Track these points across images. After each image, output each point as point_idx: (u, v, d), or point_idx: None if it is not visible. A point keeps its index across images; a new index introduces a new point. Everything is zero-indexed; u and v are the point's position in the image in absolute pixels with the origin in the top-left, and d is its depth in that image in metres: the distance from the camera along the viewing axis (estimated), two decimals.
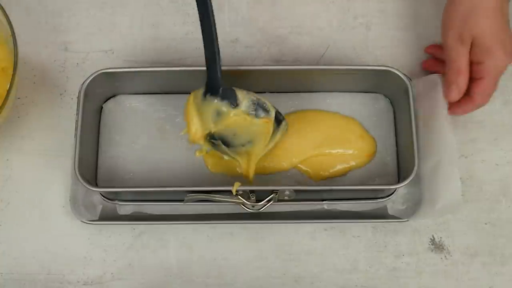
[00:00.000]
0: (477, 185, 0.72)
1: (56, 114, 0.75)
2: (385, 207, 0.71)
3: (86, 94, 0.68)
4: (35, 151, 0.74)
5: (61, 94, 0.76)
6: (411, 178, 0.65)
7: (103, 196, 0.71)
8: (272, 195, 0.67)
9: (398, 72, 0.69)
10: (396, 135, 0.73)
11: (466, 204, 0.71)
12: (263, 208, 0.68)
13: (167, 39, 0.78)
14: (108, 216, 0.71)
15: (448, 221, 0.71)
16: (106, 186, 0.72)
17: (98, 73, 0.69)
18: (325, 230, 0.71)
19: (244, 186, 0.65)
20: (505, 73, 0.69)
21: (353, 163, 0.72)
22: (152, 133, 0.73)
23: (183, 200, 0.67)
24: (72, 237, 0.71)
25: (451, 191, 0.66)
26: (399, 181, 0.69)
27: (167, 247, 0.71)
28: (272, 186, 0.68)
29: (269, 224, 0.71)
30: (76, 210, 0.70)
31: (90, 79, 0.69)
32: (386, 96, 0.74)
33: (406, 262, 0.70)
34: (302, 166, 0.72)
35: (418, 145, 0.67)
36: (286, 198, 0.68)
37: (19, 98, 0.76)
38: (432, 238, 0.71)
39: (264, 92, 0.72)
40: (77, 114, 0.68)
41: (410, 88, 0.68)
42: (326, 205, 0.71)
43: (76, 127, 0.67)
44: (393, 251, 0.70)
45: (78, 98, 0.68)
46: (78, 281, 0.70)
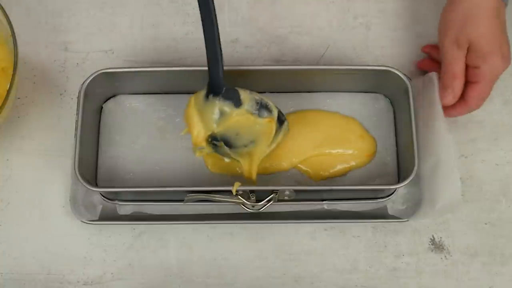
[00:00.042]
0: (477, 185, 0.72)
1: (56, 114, 0.75)
2: (385, 207, 0.71)
3: (86, 94, 0.68)
4: (35, 151, 0.74)
5: (61, 94, 0.76)
6: (411, 178, 0.65)
7: (103, 196, 0.71)
8: (272, 195, 0.67)
9: (398, 72, 0.69)
10: (396, 135, 0.73)
11: (466, 204, 0.71)
12: (263, 208, 0.68)
13: (167, 39, 0.78)
14: (108, 216, 0.71)
15: (448, 221, 0.71)
16: (106, 186, 0.72)
17: (98, 73, 0.69)
18: (325, 230, 0.71)
19: (244, 186, 0.65)
20: (505, 73, 0.69)
21: (353, 163, 0.72)
22: (152, 133, 0.73)
23: (183, 200, 0.67)
24: (72, 237, 0.71)
25: (451, 191, 0.66)
26: (399, 181, 0.69)
27: (167, 247, 0.71)
28: (272, 186, 0.68)
29: (269, 224, 0.71)
30: (76, 210, 0.70)
31: (90, 79, 0.69)
32: (386, 96, 0.74)
33: (406, 262, 0.70)
34: (302, 166, 0.72)
35: (418, 145, 0.67)
36: (286, 198, 0.68)
37: (19, 98, 0.76)
38: (432, 238, 0.71)
39: (264, 92, 0.72)
40: (77, 114, 0.68)
41: (410, 88, 0.68)
42: (326, 205, 0.71)
43: (76, 127, 0.67)
44: (393, 251, 0.70)
45: (78, 98, 0.68)
46: (78, 281, 0.70)
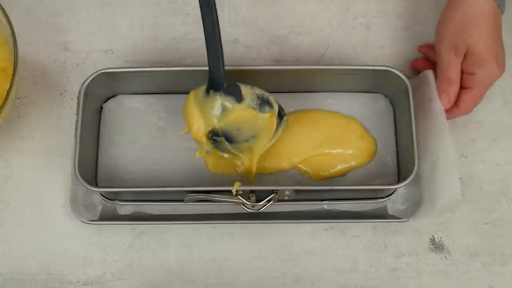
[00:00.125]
0: (477, 185, 0.72)
1: (56, 114, 0.75)
2: (385, 207, 0.71)
3: (86, 94, 0.68)
4: (35, 151, 0.74)
5: (61, 94, 0.76)
6: (411, 178, 0.65)
7: (103, 196, 0.71)
8: (272, 195, 0.67)
9: (398, 72, 0.69)
10: (396, 135, 0.73)
11: (466, 204, 0.71)
12: (263, 208, 0.68)
13: (167, 39, 0.78)
14: (108, 216, 0.71)
15: (448, 221, 0.71)
16: (106, 186, 0.72)
17: (98, 73, 0.69)
18: (325, 230, 0.71)
19: (244, 186, 0.65)
20: (505, 73, 0.69)
21: (353, 163, 0.72)
22: (152, 133, 0.73)
23: (183, 200, 0.67)
24: (72, 237, 0.71)
25: (451, 191, 0.66)
26: (399, 181, 0.69)
27: (167, 247, 0.71)
28: (272, 186, 0.68)
29: (269, 224, 0.71)
30: (76, 210, 0.70)
31: (90, 79, 0.69)
32: (386, 96, 0.74)
33: (406, 262, 0.70)
34: (302, 166, 0.72)
35: (418, 145, 0.67)
36: (286, 198, 0.68)
37: (19, 98, 0.76)
38: (432, 238, 0.71)
39: None
40: (77, 114, 0.68)
41: (410, 88, 0.68)
42: (326, 205, 0.71)
43: (76, 127, 0.67)
44: (393, 251, 0.70)
45: (78, 98, 0.68)
46: (78, 281, 0.70)
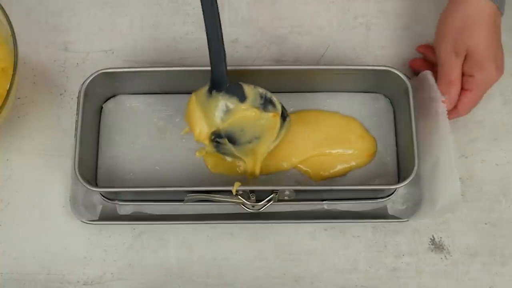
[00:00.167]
0: (477, 185, 0.72)
1: (56, 114, 0.75)
2: (385, 207, 0.71)
3: (86, 94, 0.68)
4: (35, 151, 0.74)
5: (61, 94, 0.76)
6: (411, 178, 0.65)
7: (103, 196, 0.71)
8: (272, 195, 0.67)
9: (398, 72, 0.69)
10: (396, 135, 0.73)
11: (466, 204, 0.71)
12: (263, 208, 0.68)
13: (167, 39, 0.78)
14: (108, 216, 0.71)
15: (448, 221, 0.71)
16: (106, 186, 0.72)
17: (98, 73, 0.69)
18: (325, 230, 0.71)
19: (244, 186, 0.65)
20: (505, 73, 0.69)
21: (353, 163, 0.72)
22: (152, 133, 0.73)
23: (183, 200, 0.67)
24: (72, 237, 0.71)
25: (451, 191, 0.66)
26: (399, 181, 0.69)
27: (167, 247, 0.71)
28: (272, 186, 0.68)
29: (269, 224, 0.71)
30: (76, 210, 0.70)
31: (90, 79, 0.69)
32: (386, 96, 0.74)
33: (406, 262, 0.70)
34: (302, 166, 0.72)
35: (418, 145, 0.67)
36: (286, 198, 0.68)
37: (19, 98, 0.76)
38: (432, 238, 0.71)
39: None
40: (77, 114, 0.68)
41: (410, 88, 0.68)
42: (326, 205, 0.71)
43: (76, 127, 0.67)
44: (393, 251, 0.70)
45: (78, 98, 0.68)
46: (78, 281, 0.70)
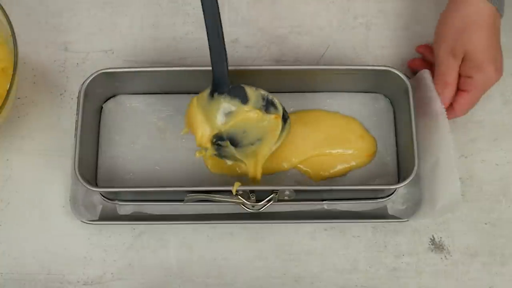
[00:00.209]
0: (477, 185, 0.72)
1: (56, 114, 0.75)
2: (385, 207, 0.71)
3: (86, 94, 0.68)
4: (35, 151, 0.74)
5: (61, 94, 0.76)
6: (411, 178, 0.65)
7: (103, 196, 0.71)
8: (272, 195, 0.67)
9: (398, 72, 0.69)
10: (396, 135, 0.73)
11: (466, 204, 0.71)
12: (263, 208, 0.68)
13: (167, 39, 0.78)
14: (108, 216, 0.71)
15: (448, 221, 0.71)
16: (106, 186, 0.72)
17: (98, 73, 0.69)
18: (325, 230, 0.71)
19: (244, 186, 0.65)
20: (505, 73, 0.69)
21: (353, 163, 0.72)
22: (152, 133, 0.73)
23: (183, 200, 0.67)
24: (72, 237, 0.71)
25: (451, 191, 0.66)
26: (399, 181, 0.69)
27: (167, 247, 0.71)
28: (272, 186, 0.68)
29: (269, 224, 0.71)
30: (76, 210, 0.70)
31: (90, 79, 0.69)
32: (386, 96, 0.74)
33: (406, 262, 0.70)
34: (302, 166, 0.72)
35: (418, 145, 0.67)
36: (286, 198, 0.68)
37: (19, 98, 0.76)
38: (432, 238, 0.71)
39: None
40: (77, 114, 0.68)
41: (410, 88, 0.68)
42: (326, 205, 0.71)
43: (76, 127, 0.67)
44: (393, 251, 0.70)
45: (78, 98, 0.68)
46: (78, 281, 0.70)
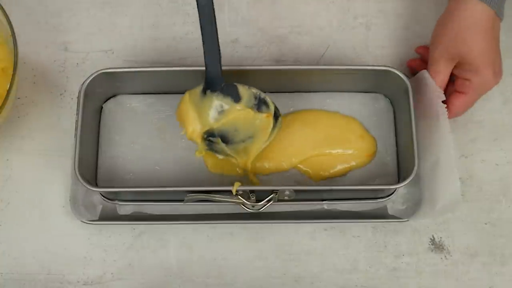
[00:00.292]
0: (477, 185, 0.72)
1: (56, 114, 0.75)
2: (385, 207, 0.71)
3: (86, 94, 0.68)
4: (35, 151, 0.74)
5: (61, 94, 0.76)
6: (411, 178, 0.65)
7: (103, 196, 0.71)
8: (272, 195, 0.67)
9: (398, 72, 0.69)
10: (396, 135, 0.73)
11: (466, 204, 0.71)
12: (263, 208, 0.68)
13: (167, 39, 0.78)
14: (108, 216, 0.71)
15: (448, 221, 0.71)
16: (106, 186, 0.72)
17: (98, 73, 0.69)
18: (325, 230, 0.71)
19: (244, 186, 0.65)
20: (505, 73, 0.69)
21: (353, 163, 0.72)
22: (152, 133, 0.73)
23: (183, 200, 0.67)
24: (72, 237, 0.71)
25: (451, 191, 0.66)
26: (399, 181, 0.69)
27: (167, 247, 0.71)
28: (272, 186, 0.68)
29: (269, 224, 0.71)
30: (76, 210, 0.70)
31: (90, 79, 0.69)
32: (386, 96, 0.74)
33: (406, 262, 0.70)
34: (302, 166, 0.72)
35: (418, 145, 0.67)
36: (286, 198, 0.68)
37: (19, 98, 0.76)
38: (432, 238, 0.71)
39: (264, 92, 0.72)
40: (77, 114, 0.68)
41: (410, 88, 0.68)
42: (326, 205, 0.71)
43: (76, 127, 0.67)
44: (393, 251, 0.70)
45: (78, 98, 0.68)
46: (78, 281, 0.70)
